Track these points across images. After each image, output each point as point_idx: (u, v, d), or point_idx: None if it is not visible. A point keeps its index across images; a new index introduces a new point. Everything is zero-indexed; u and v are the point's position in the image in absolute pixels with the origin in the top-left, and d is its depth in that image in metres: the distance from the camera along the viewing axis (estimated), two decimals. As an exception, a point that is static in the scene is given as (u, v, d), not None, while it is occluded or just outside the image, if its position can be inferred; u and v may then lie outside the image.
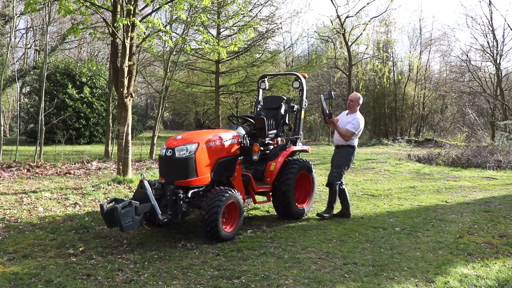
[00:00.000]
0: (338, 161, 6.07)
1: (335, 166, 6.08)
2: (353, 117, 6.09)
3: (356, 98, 6.17)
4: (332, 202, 6.04)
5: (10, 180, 8.15)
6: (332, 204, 6.05)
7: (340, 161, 6.05)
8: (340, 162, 6.05)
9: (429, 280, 3.77)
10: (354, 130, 5.98)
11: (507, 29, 30.23)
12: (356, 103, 6.14)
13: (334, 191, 5.99)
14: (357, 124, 6.00)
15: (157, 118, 14.15)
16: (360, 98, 6.20)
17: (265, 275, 3.80)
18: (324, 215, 5.94)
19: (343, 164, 6.04)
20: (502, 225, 5.74)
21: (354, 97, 6.21)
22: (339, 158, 6.07)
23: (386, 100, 29.60)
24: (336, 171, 6.02)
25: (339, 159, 6.06)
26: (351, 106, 6.19)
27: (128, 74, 7.78)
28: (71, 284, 3.51)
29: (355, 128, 5.98)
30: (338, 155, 6.12)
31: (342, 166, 6.03)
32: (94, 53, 28.63)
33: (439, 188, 8.89)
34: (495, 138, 17.50)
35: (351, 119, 6.07)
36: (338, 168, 6.03)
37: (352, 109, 6.18)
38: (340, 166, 6.03)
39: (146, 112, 36.78)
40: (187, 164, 4.75)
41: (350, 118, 6.12)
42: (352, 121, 6.01)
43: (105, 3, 8.13)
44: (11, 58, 21.58)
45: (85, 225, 5.26)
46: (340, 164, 6.03)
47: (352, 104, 6.17)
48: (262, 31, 15.77)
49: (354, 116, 6.10)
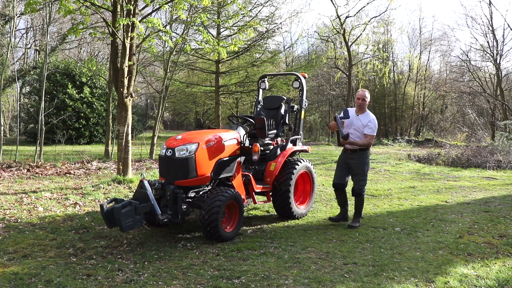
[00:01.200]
0: (361, 167, 5.59)
1: (360, 174, 5.59)
2: (367, 118, 5.59)
3: (366, 95, 5.64)
4: (361, 210, 5.73)
5: (10, 180, 8.15)
6: (361, 211, 5.74)
7: (364, 168, 5.61)
8: (364, 169, 5.61)
9: (429, 280, 3.77)
10: (374, 133, 5.56)
11: (507, 29, 30.29)
12: (367, 101, 5.65)
13: (363, 199, 5.69)
14: (375, 126, 5.56)
15: (157, 118, 14.15)
16: (369, 94, 5.75)
17: (265, 275, 3.80)
18: (354, 225, 5.55)
19: (366, 169, 5.66)
20: (502, 225, 5.74)
21: (365, 95, 5.63)
22: (360, 164, 5.58)
23: (386, 100, 29.61)
24: (363, 179, 5.62)
25: (361, 165, 5.58)
26: (362, 105, 5.62)
27: (128, 74, 7.78)
28: (71, 284, 3.51)
29: (374, 131, 5.55)
30: (358, 161, 5.60)
31: (366, 171, 5.65)
32: (94, 53, 28.64)
33: (439, 188, 8.89)
34: (495, 138, 17.50)
35: (366, 121, 5.55)
36: (363, 175, 5.61)
37: (363, 109, 5.65)
38: (365, 173, 5.62)
39: (146, 112, 36.77)
40: (187, 164, 4.75)
41: (364, 120, 5.58)
42: (369, 124, 5.53)
43: (105, 3, 8.13)
44: (11, 58, 21.58)
45: (85, 225, 5.26)
46: (364, 171, 5.62)
47: (363, 103, 5.61)
48: (262, 31, 15.76)
49: (368, 117, 5.60)
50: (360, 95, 5.65)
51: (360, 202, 5.69)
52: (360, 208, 5.72)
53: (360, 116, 5.62)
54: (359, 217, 5.72)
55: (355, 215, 5.72)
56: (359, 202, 5.68)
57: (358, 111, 5.67)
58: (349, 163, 5.66)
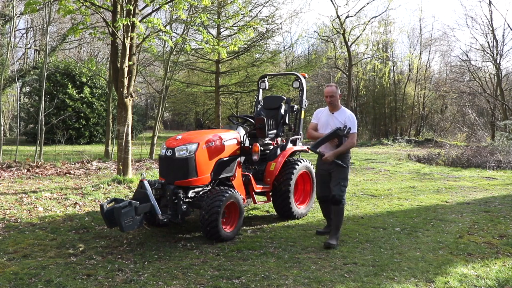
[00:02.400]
0: (343, 171, 4.91)
1: (341, 179, 4.89)
2: (343, 115, 4.95)
3: (334, 90, 4.96)
4: (340, 223, 4.92)
5: (10, 180, 8.15)
6: (340, 225, 4.93)
7: (345, 171, 4.93)
8: (346, 173, 4.94)
9: (429, 280, 3.77)
10: (355, 130, 4.93)
11: (507, 29, 30.30)
12: (337, 96, 4.98)
13: (343, 209, 4.93)
14: (355, 122, 4.93)
15: (157, 118, 14.15)
16: (338, 88, 5.06)
17: (265, 275, 3.80)
18: (332, 243, 4.71)
19: (347, 173, 4.98)
20: (502, 225, 5.74)
21: (333, 90, 4.95)
22: (341, 168, 4.89)
23: (386, 100, 29.61)
24: (344, 184, 4.92)
25: (343, 169, 4.89)
26: (333, 102, 4.95)
27: (128, 74, 7.78)
28: (71, 284, 3.51)
29: (355, 128, 4.92)
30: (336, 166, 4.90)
31: (347, 176, 4.98)
32: (94, 53, 28.63)
33: (439, 188, 8.89)
34: (495, 138, 17.50)
35: (343, 118, 4.92)
36: (344, 179, 4.92)
37: (336, 106, 4.99)
38: (346, 177, 4.96)
39: (146, 112, 36.78)
40: (187, 164, 4.75)
41: (340, 117, 4.94)
42: (347, 121, 4.89)
43: (105, 3, 8.13)
44: (11, 58, 21.57)
45: (85, 225, 5.26)
46: (346, 175, 4.95)
47: (333, 100, 4.95)
48: (262, 31, 15.76)
49: (344, 113, 4.97)
50: (328, 92, 4.98)
51: (339, 213, 4.88)
52: (339, 221, 4.90)
53: (336, 114, 4.99)
54: (338, 232, 4.87)
55: (333, 231, 4.86)
56: (339, 212, 4.88)
57: (331, 109, 5.03)
58: (329, 169, 4.95)
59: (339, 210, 4.88)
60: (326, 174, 5.02)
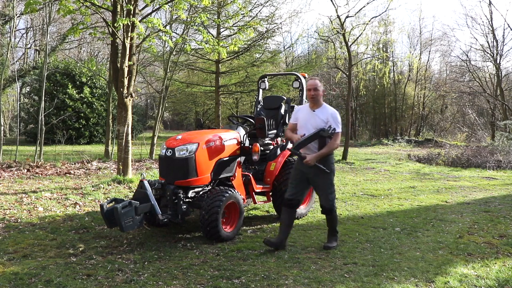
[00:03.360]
0: (327, 177, 4.53)
1: (327, 186, 4.55)
2: (325, 112, 4.52)
3: (318, 84, 4.53)
4: (335, 226, 4.73)
5: (10, 180, 8.15)
6: (336, 227, 4.74)
7: (330, 177, 4.55)
8: (330, 178, 4.56)
9: (429, 280, 3.77)
10: (339, 129, 4.49)
11: (507, 29, 30.28)
12: (320, 91, 4.54)
13: (335, 215, 4.70)
14: (338, 120, 4.49)
15: (157, 118, 14.15)
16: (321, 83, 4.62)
17: (265, 275, 3.80)
18: (332, 245, 4.61)
19: (332, 178, 4.61)
20: (502, 225, 5.74)
21: (316, 83, 4.51)
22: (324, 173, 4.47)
23: (386, 100, 29.61)
24: (331, 191, 4.59)
25: (326, 174, 4.49)
26: (315, 97, 4.51)
27: (128, 74, 7.78)
28: (71, 284, 3.51)
29: (339, 127, 4.48)
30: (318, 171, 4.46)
31: (332, 181, 4.62)
32: (94, 53, 28.64)
33: (439, 188, 8.89)
34: (495, 138, 17.50)
35: (325, 116, 4.49)
36: (330, 187, 4.57)
37: (318, 102, 4.56)
38: (332, 183, 4.60)
39: (146, 112, 36.79)
40: (187, 164, 4.75)
41: (322, 115, 4.51)
42: (330, 119, 4.46)
43: (105, 3, 8.13)
44: (11, 58, 21.58)
45: (85, 225, 5.26)
46: (331, 180, 4.59)
47: (316, 94, 4.50)
48: (262, 31, 15.76)
49: (326, 110, 4.54)
50: (311, 85, 4.51)
51: (333, 219, 4.67)
52: (334, 224, 4.70)
53: (317, 111, 4.54)
54: (335, 234, 4.72)
55: (330, 233, 4.73)
56: (332, 219, 4.66)
57: (312, 106, 4.58)
58: (308, 173, 4.51)
59: (331, 218, 4.66)
60: (303, 176, 4.57)
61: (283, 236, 4.58)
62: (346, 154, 14.37)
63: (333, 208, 4.60)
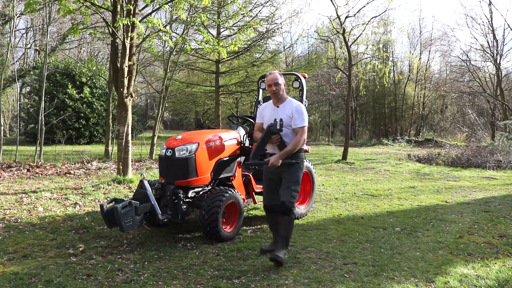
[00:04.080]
0: (294, 174, 4.13)
1: (292, 182, 4.09)
2: (290, 107, 4.15)
3: (279, 77, 4.16)
4: (289, 234, 4.15)
5: (10, 180, 8.15)
6: (289, 237, 4.17)
7: (297, 174, 4.16)
8: (297, 176, 4.15)
9: (429, 280, 3.77)
10: (305, 123, 4.10)
11: (507, 29, 30.30)
12: (282, 85, 4.18)
13: (292, 219, 4.17)
14: (303, 114, 4.12)
15: (157, 118, 14.15)
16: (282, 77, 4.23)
17: (265, 275, 3.80)
18: (280, 256, 3.97)
19: (299, 175, 4.19)
20: (502, 225, 5.74)
21: (276, 77, 4.15)
22: (293, 170, 4.13)
23: (386, 100, 29.63)
24: (295, 189, 4.12)
25: (294, 171, 4.13)
26: (277, 92, 4.15)
27: (128, 74, 7.78)
28: (71, 284, 3.51)
29: (304, 121, 4.10)
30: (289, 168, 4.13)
31: (299, 179, 4.18)
32: (94, 53, 28.64)
33: (439, 188, 8.89)
34: (495, 138, 17.50)
35: (290, 111, 4.12)
36: (295, 183, 4.13)
37: (281, 97, 4.19)
38: (298, 181, 4.16)
39: (146, 112, 36.80)
40: (187, 164, 4.75)
41: (287, 110, 4.14)
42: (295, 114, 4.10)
43: (105, 3, 8.13)
44: (11, 58, 21.58)
45: (85, 225, 5.26)
46: (298, 178, 4.16)
47: (278, 90, 4.15)
48: (262, 31, 15.76)
49: (290, 105, 4.16)
50: (271, 80, 4.15)
51: (288, 223, 4.11)
52: (288, 232, 4.12)
53: (281, 107, 4.19)
54: (286, 245, 4.13)
55: (281, 242, 4.09)
56: (288, 222, 4.10)
57: (276, 101, 4.23)
58: (280, 172, 4.16)
59: (288, 220, 4.09)
60: (275, 179, 4.21)
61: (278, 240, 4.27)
62: (346, 154, 14.38)
63: (292, 209, 4.07)
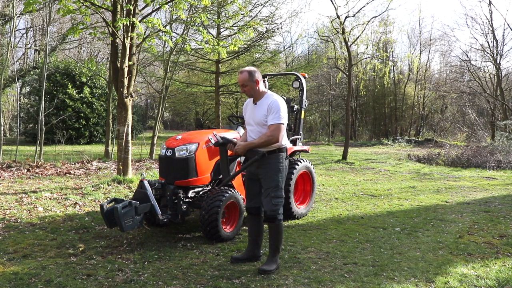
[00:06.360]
0: (272, 177, 3.83)
1: (271, 188, 3.81)
2: (265, 103, 3.86)
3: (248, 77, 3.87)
4: (279, 243, 3.96)
5: (10, 180, 8.15)
6: (279, 246, 3.97)
7: (275, 177, 3.84)
8: (276, 179, 3.84)
9: (429, 280, 3.77)
10: (280, 120, 3.77)
11: (507, 29, 30.30)
12: (255, 82, 3.88)
13: (280, 227, 3.92)
14: (278, 109, 3.77)
15: (157, 118, 14.15)
16: (256, 72, 3.90)
17: (265, 275, 3.80)
18: (269, 268, 3.83)
19: (281, 179, 3.87)
20: (502, 225, 5.74)
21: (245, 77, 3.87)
22: (269, 172, 3.84)
23: (386, 100, 29.64)
24: (277, 195, 3.82)
25: (271, 174, 3.84)
26: (249, 92, 3.93)
27: (128, 74, 7.78)
28: (71, 284, 3.51)
29: (279, 118, 3.77)
30: (265, 169, 3.86)
31: (281, 182, 3.86)
32: (94, 53, 28.63)
33: (439, 188, 8.89)
34: (495, 138, 17.50)
35: (264, 108, 3.85)
36: (276, 189, 3.82)
37: (257, 95, 3.95)
38: (278, 185, 3.84)
39: (146, 112, 36.80)
40: (187, 164, 4.75)
41: (262, 107, 3.88)
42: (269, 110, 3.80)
43: (105, 3, 8.13)
44: (11, 58, 21.57)
45: (85, 225, 5.26)
46: (277, 182, 3.84)
47: (249, 89, 3.91)
48: (262, 31, 15.77)
49: (266, 101, 3.87)
50: (240, 81, 3.93)
51: (276, 231, 3.90)
52: (277, 241, 3.92)
53: (258, 104, 3.94)
54: (276, 254, 3.94)
55: (271, 252, 3.94)
56: (275, 231, 3.90)
57: (254, 99, 4.00)
58: (258, 173, 3.94)
59: (275, 227, 3.87)
60: (254, 179, 4.02)
61: (253, 247, 4.09)
62: (346, 154, 14.38)
63: (276, 216, 3.82)
